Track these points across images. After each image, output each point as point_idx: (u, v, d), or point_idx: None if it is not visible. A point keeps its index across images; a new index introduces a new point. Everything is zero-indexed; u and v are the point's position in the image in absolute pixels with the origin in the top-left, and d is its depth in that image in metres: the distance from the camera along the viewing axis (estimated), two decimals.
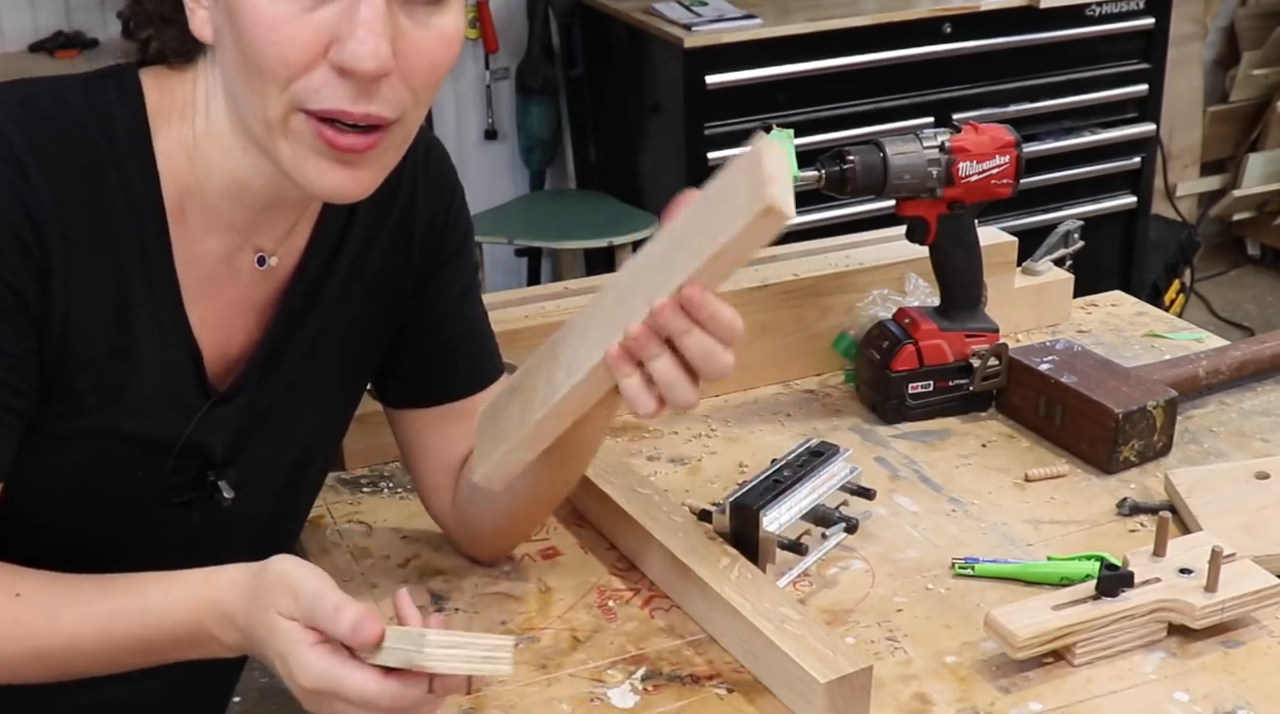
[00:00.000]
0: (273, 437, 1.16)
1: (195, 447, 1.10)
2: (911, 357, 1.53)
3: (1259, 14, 4.56)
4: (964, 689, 1.13)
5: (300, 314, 1.14)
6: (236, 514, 1.15)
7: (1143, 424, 1.44)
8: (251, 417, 1.13)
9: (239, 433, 1.13)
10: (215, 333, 1.09)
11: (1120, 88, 3.65)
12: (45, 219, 0.98)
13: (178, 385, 1.08)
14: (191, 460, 1.11)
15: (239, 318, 1.11)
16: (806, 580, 1.27)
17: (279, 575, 0.95)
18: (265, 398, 1.14)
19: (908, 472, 1.46)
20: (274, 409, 1.15)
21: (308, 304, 1.14)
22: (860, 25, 3.30)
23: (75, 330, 1.01)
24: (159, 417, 1.08)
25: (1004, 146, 1.51)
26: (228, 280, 1.09)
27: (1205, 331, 1.79)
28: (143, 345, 1.05)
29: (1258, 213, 4.67)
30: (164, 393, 1.07)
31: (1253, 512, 1.33)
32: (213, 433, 1.11)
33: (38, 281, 0.98)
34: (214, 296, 1.09)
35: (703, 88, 3.18)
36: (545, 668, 1.15)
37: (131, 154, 1.03)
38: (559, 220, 3.54)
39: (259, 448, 1.16)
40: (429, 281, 1.22)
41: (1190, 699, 1.11)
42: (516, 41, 3.69)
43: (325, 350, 1.17)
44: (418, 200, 1.19)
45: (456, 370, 1.25)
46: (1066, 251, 1.79)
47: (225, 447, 1.13)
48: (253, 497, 1.16)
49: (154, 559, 1.05)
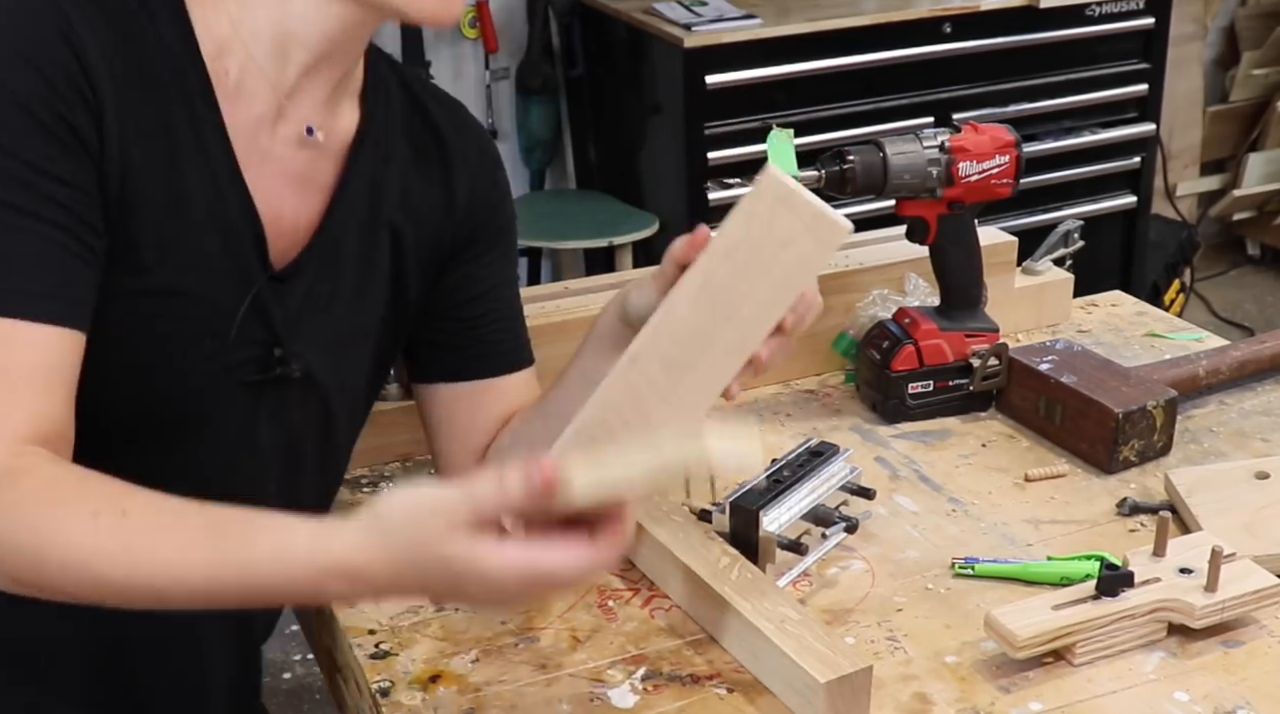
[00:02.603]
0: (332, 330, 1.15)
1: (259, 317, 1.09)
2: (911, 356, 1.53)
3: (1259, 14, 4.56)
4: (964, 689, 1.13)
5: (356, 202, 1.14)
6: (304, 402, 1.15)
7: (1143, 424, 1.44)
8: (311, 302, 1.13)
9: (300, 315, 1.12)
10: (269, 202, 1.09)
11: (1120, 88, 3.65)
12: (93, 62, 0.98)
13: (237, 249, 1.07)
14: (256, 334, 1.10)
15: (292, 192, 1.11)
16: (806, 580, 1.27)
17: (407, 514, 0.88)
18: (324, 287, 1.13)
19: (908, 472, 1.46)
20: (333, 302, 1.14)
21: (363, 192, 1.14)
22: (860, 25, 3.30)
23: (130, 176, 1.01)
24: (219, 280, 1.07)
25: (1004, 146, 1.51)
26: (276, 148, 1.09)
27: (1205, 331, 1.79)
28: (198, 203, 1.04)
29: (1258, 213, 4.67)
30: (224, 255, 1.07)
31: (1253, 512, 1.33)
32: (273, 309, 1.10)
33: (92, 118, 0.98)
34: (263, 163, 1.08)
35: (703, 88, 3.18)
36: (545, 668, 1.15)
37: (164, 9, 1.03)
38: (559, 220, 3.54)
39: (320, 338, 1.14)
40: (475, 253, 1.24)
41: (1190, 699, 1.11)
42: (516, 41, 3.69)
43: (379, 257, 1.17)
44: (469, 162, 1.23)
45: (493, 348, 1.27)
46: (1066, 251, 1.79)
47: (286, 326, 1.11)
48: (318, 386, 1.15)
49: (228, 452, 1.08)
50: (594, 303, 1.56)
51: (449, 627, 1.21)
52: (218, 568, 0.91)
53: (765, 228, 0.99)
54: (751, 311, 1.01)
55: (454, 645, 1.19)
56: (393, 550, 0.88)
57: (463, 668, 1.16)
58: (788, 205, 0.99)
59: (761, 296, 1.01)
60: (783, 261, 1.00)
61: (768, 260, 1.00)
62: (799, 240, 0.99)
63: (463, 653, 1.18)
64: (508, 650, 1.18)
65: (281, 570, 0.90)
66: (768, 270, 1.00)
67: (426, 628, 1.21)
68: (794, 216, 0.98)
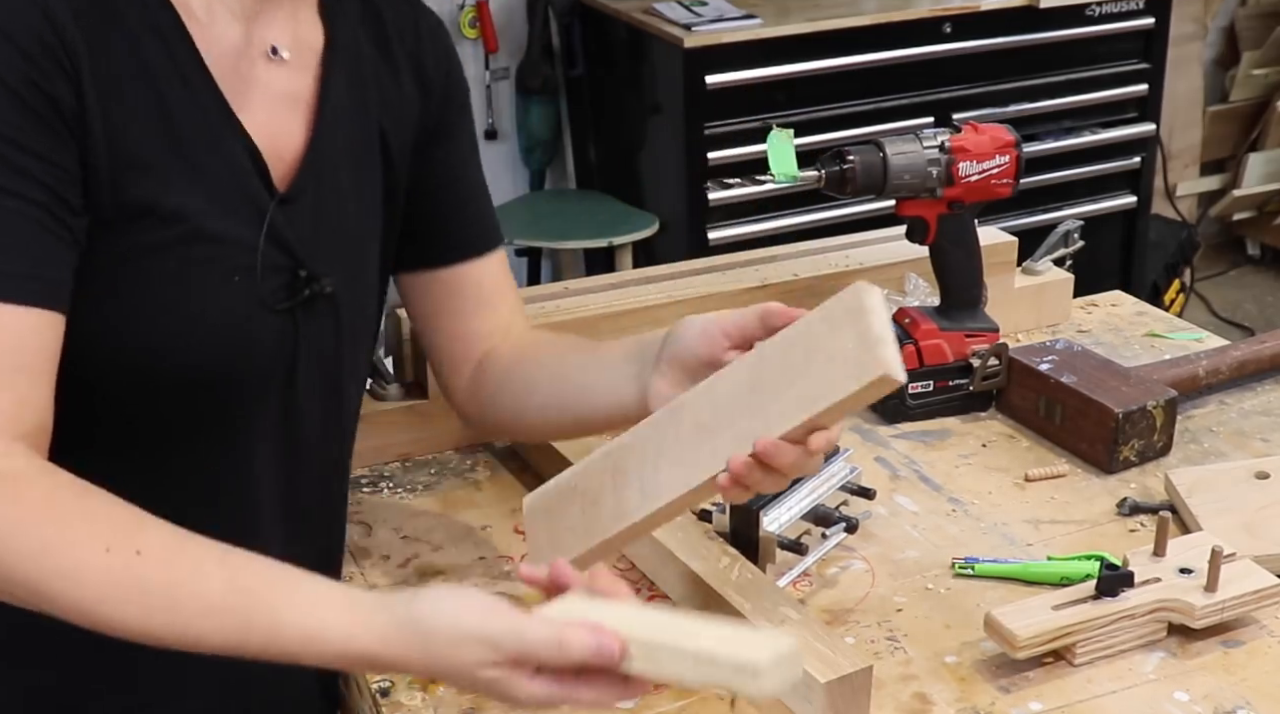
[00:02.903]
0: (344, 243, 1.15)
1: (277, 243, 1.08)
2: (911, 356, 1.53)
3: (1259, 14, 4.56)
4: (964, 689, 1.13)
5: (340, 112, 1.14)
6: (334, 323, 1.14)
7: (1143, 424, 1.44)
8: (320, 218, 1.12)
9: (314, 233, 1.12)
10: (261, 129, 1.08)
11: (1120, 88, 3.65)
12: (62, 19, 0.97)
13: (242, 180, 1.07)
14: (279, 260, 1.09)
15: (279, 115, 1.11)
16: (806, 580, 1.27)
17: (453, 633, 0.88)
18: (329, 202, 1.13)
19: (908, 472, 1.46)
20: (340, 215, 1.14)
21: (345, 100, 1.14)
22: (860, 25, 3.30)
23: (120, 133, 1.00)
24: (233, 214, 1.06)
25: (1004, 146, 1.51)
26: (254, 75, 1.09)
27: (1205, 331, 1.79)
28: (195, 141, 1.04)
29: (1258, 213, 4.67)
30: (232, 188, 1.06)
31: (1253, 512, 1.33)
32: (288, 232, 1.09)
33: (70, 83, 0.97)
34: (247, 92, 1.08)
35: (703, 88, 3.18)
36: None
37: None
38: (559, 220, 3.54)
39: (335, 253, 1.14)
40: (442, 135, 1.23)
41: (1190, 699, 1.11)
42: (516, 41, 3.69)
43: (371, 161, 1.18)
44: (423, 44, 1.22)
45: (471, 229, 1.27)
46: (1066, 251, 1.79)
47: (304, 246, 1.11)
48: (340, 303, 1.14)
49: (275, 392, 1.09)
50: (594, 303, 1.56)
51: None
52: (242, 636, 0.90)
53: (827, 333, 0.97)
54: (775, 410, 0.98)
55: None
56: (430, 658, 0.89)
57: None
58: (854, 320, 0.95)
59: (789, 399, 0.98)
60: (819, 374, 0.96)
61: (811, 366, 0.97)
62: (845, 359, 0.95)
63: None
64: None
65: (309, 651, 0.90)
66: (805, 376, 0.97)
67: None
68: (853, 334, 0.95)
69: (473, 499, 1.42)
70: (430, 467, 1.48)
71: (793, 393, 0.97)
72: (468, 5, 3.62)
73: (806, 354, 0.97)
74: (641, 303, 1.56)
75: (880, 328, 0.94)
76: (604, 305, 1.55)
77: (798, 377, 0.97)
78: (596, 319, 1.52)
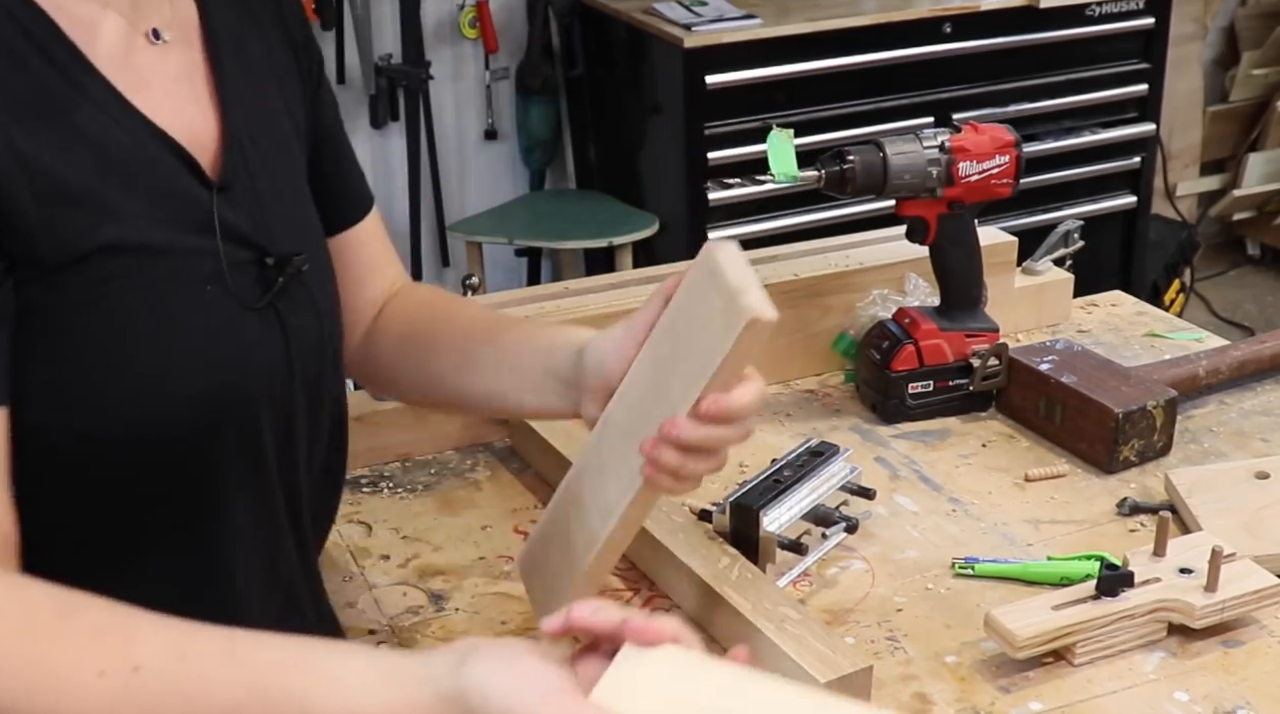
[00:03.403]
0: (293, 219, 1.08)
1: (234, 237, 1.00)
2: (911, 356, 1.53)
3: (1259, 14, 4.56)
4: (964, 689, 1.13)
5: (238, 82, 1.06)
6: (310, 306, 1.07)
7: (1143, 424, 1.44)
8: (260, 199, 1.04)
9: (262, 216, 1.04)
10: (174, 120, 1.00)
11: (1120, 88, 3.65)
12: None
13: (176, 180, 0.99)
14: (242, 254, 1.01)
15: (185, 102, 1.03)
16: (806, 580, 1.27)
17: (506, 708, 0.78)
18: (263, 179, 1.05)
19: (908, 472, 1.46)
20: (275, 190, 1.07)
21: (237, 70, 1.07)
22: (860, 25, 3.30)
23: (38, 170, 0.90)
24: (181, 220, 0.98)
25: (1004, 146, 1.51)
26: (146, 64, 1.01)
27: (1205, 331, 1.79)
28: (113, 150, 0.95)
29: (1258, 213, 4.67)
30: (170, 193, 0.98)
31: (1253, 512, 1.33)
32: (239, 220, 1.01)
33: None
34: (145, 85, 1.00)
35: (703, 88, 3.18)
36: None
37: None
38: (559, 220, 3.54)
39: (289, 231, 1.07)
40: (315, 88, 1.17)
41: (1190, 699, 1.11)
42: (516, 41, 3.69)
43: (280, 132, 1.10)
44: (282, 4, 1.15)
45: (347, 195, 1.22)
46: (1066, 251, 1.79)
47: (261, 232, 1.03)
48: (309, 283, 1.07)
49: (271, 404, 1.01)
50: (594, 303, 1.56)
51: (449, 627, 1.21)
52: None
53: (697, 302, 0.96)
54: (676, 393, 0.96)
55: None
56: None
57: None
58: (714, 281, 0.94)
59: (683, 376, 0.96)
60: (700, 344, 0.94)
61: (692, 339, 0.96)
62: (715, 320, 0.93)
63: None
64: None
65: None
66: (690, 350, 0.96)
67: (426, 628, 1.21)
68: (716, 294, 0.93)
69: (473, 499, 1.42)
70: (430, 467, 1.48)
71: (684, 370, 0.97)
72: (468, 5, 3.62)
73: (686, 329, 0.97)
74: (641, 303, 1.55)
75: (736, 278, 0.93)
76: (604, 305, 1.55)
77: (684, 353, 0.97)
78: (596, 319, 1.52)
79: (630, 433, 1.00)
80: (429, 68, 3.52)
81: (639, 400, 1.01)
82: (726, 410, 0.96)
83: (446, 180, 3.70)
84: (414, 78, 3.50)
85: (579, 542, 1.06)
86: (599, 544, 1.03)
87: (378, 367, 1.25)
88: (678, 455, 0.97)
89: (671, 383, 0.97)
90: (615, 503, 1.02)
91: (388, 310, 1.25)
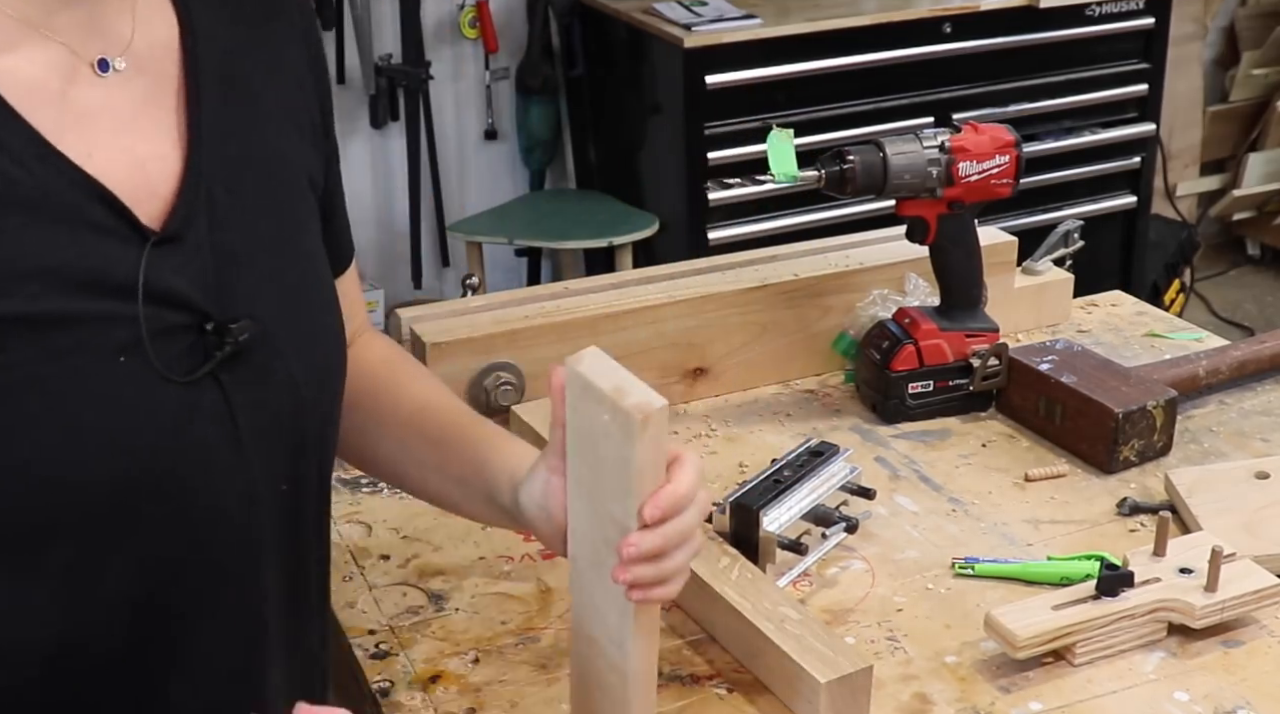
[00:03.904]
0: (267, 275, 0.95)
1: (165, 298, 0.88)
2: (911, 356, 1.53)
3: (1259, 14, 4.56)
4: (964, 689, 1.13)
5: (220, 120, 0.94)
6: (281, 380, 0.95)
7: (1143, 424, 1.44)
8: (221, 254, 0.91)
9: (217, 274, 0.91)
10: (115, 165, 0.88)
11: (1120, 88, 3.66)
12: None
13: (94, 231, 0.85)
14: (175, 318, 0.88)
15: (138, 143, 0.90)
16: (806, 580, 1.27)
17: None
18: (234, 230, 0.93)
19: (908, 472, 1.46)
20: (251, 242, 0.94)
21: (220, 106, 0.94)
22: (860, 25, 3.30)
23: None
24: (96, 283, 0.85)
25: (1004, 146, 1.51)
26: (87, 100, 0.88)
27: (1205, 331, 1.79)
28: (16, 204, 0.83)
29: (1258, 213, 4.67)
30: (84, 246, 0.85)
31: (1253, 512, 1.33)
32: (179, 278, 0.89)
33: None
34: (81, 124, 0.87)
35: (703, 88, 3.18)
36: (545, 668, 1.15)
37: None
38: (559, 220, 3.54)
39: (257, 292, 0.93)
40: (327, 127, 1.07)
41: (1190, 699, 1.11)
42: (516, 41, 3.69)
43: (284, 172, 0.99)
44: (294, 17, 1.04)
45: (335, 241, 1.10)
46: (1066, 251, 1.79)
47: (207, 293, 0.90)
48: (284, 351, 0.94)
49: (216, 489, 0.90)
50: (593, 303, 1.56)
51: (449, 627, 1.21)
52: None
53: (586, 421, 0.92)
54: (616, 510, 0.93)
55: (454, 645, 1.19)
56: None
57: (463, 668, 1.16)
58: (591, 395, 0.90)
59: (613, 493, 0.93)
60: (610, 458, 0.91)
61: (601, 455, 0.92)
62: (611, 433, 0.90)
63: (463, 653, 1.18)
64: (508, 650, 1.18)
65: None
66: (606, 466, 0.92)
67: (426, 628, 1.21)
68: (599, 408, 0.90)
69: None
70: None
71: (611, 487, 0.93)
72: (468, 5, 3.62)
73: (591, 448, 0.93)
74: (641, 303, 1.56)
75: (610, 384, 0.89)
76: (604, 305, 1.55)
77: (603, 472, 0.93)
78: (596, 319, 1.52)
79: (599, 564, 0.97)
80: (429, 68, 3.53)
81: (590, 532, 0.97)
82: (670, 507, 0.92)
83: (446, 180, 3.70)
84: (414, 78, 3.50)
85: (615, 682, 1.01)
86: (630, 680, 0.99)
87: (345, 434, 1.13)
88: (650, 566, 0.93)
89: (608, 505, 0.94)
90: (621, 631, 0.98)
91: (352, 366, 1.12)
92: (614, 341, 1.48)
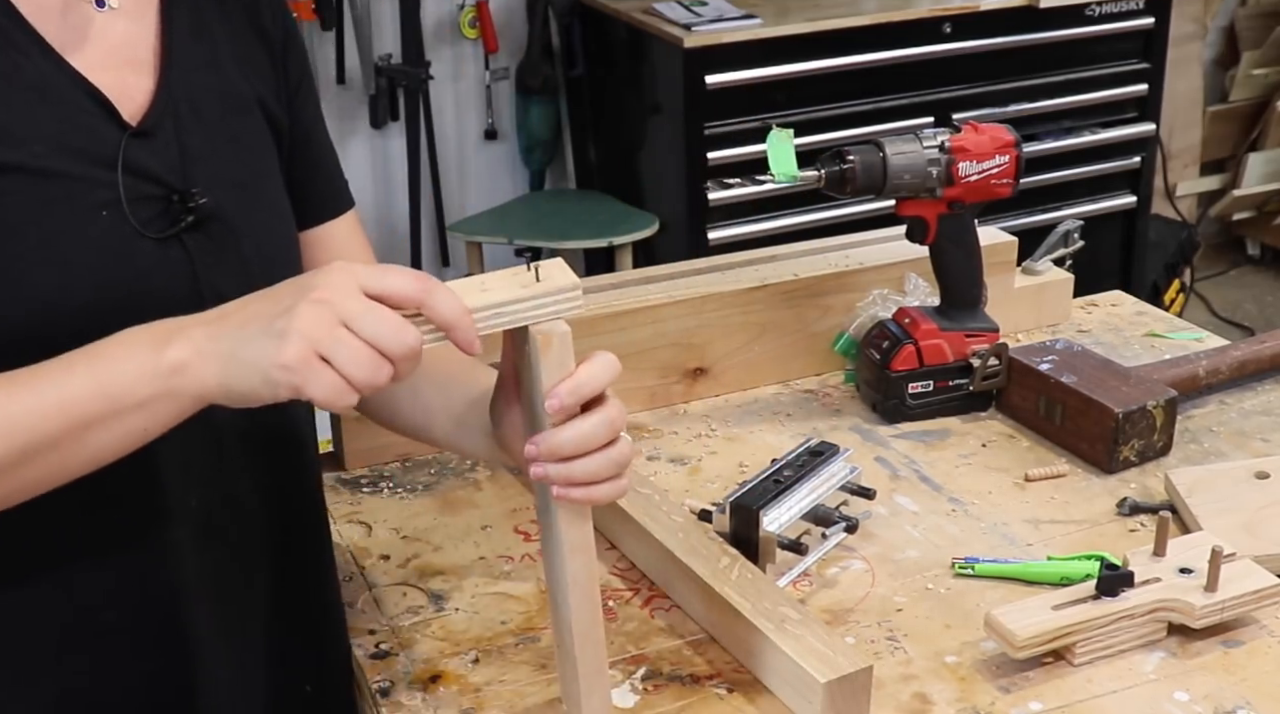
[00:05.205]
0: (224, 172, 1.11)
1: (141, 173, 1.04)
2: (911, 356, 1.53)
3: (1259, 14, 4.56)
4: (964, 689, 1.13)
5: (188, 63, 1.10)
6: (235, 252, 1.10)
7: (1143, 424, 1.44)
8: (186, 150, 1.08)
9: (182, 163, 1.07)
10: (104, 76, 1.05)
11: (1120, 88, 3.66)
12: None
13: (88, 121, 1.03)
14: (149, 189, 1.05)
15: (123, 66, 1.07)
16: (806, 580, 1.27)
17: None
18: (196, 136, 1.09)
19: (908, 472, 1.46)
20: (211, 147, 1.10)
21: (190, 54, 1.11)
22: (860, 25, 3.30)
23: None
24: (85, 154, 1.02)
25: (1004, 146, 1.51)
26: (86, 26, 1.06)
27: (1205, 331, 1.79)
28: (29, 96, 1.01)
29: (1258, 213, 4.67)
30: (78, 130, 1.02)
31: (1253, 512, 1.33)
32: (152, 162, 1.05)
33: None
34: (81, 43, 1.05)
35: (703, 88, 3.18)
36: (545, 668, 1.15)
37: None
38: (559, 220, 3.54)
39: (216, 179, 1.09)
40: (291, 92, 1.20)
41: (1190, 699, 1.11)
42: (516, 41, 3.69)
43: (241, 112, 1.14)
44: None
45: (321, 191, 1.24)
46: (1066, 251, 1.79)
47: (174, 175, 1.07)
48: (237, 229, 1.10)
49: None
50: (593, 303, 1.56)
51: (449, 627, 1.21)
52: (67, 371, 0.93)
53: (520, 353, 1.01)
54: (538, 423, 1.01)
55: (454, 645, 1.19)
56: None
57: (463, 668, 1.16)
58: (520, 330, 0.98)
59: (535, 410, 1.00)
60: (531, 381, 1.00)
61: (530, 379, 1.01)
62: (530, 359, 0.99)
63: (463, 653, 1.18)
64: (508, 650, 1.18)
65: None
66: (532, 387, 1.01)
67: (426, 628, 1.21)
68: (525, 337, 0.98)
69: (473, 499, 1.42)
70: (430, 467, 1.48)
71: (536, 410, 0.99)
72: (468, 5, 3.62)
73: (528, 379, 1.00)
74: (641, 303, 1.56)
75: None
76: (604, 305, 1.55)
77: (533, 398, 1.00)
78: (596, 319, 1.52)
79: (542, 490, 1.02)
80: (429, 68, 3.53)
81: None
82: (567, 393, 0.98)
83: (446, 180, 3.70)
84: (414, 78, 3.50)
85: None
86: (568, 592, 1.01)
87: None
88: (562, 467, 0.98)
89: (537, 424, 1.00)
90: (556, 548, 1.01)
91: None
92: (614, 341, 1.49)
